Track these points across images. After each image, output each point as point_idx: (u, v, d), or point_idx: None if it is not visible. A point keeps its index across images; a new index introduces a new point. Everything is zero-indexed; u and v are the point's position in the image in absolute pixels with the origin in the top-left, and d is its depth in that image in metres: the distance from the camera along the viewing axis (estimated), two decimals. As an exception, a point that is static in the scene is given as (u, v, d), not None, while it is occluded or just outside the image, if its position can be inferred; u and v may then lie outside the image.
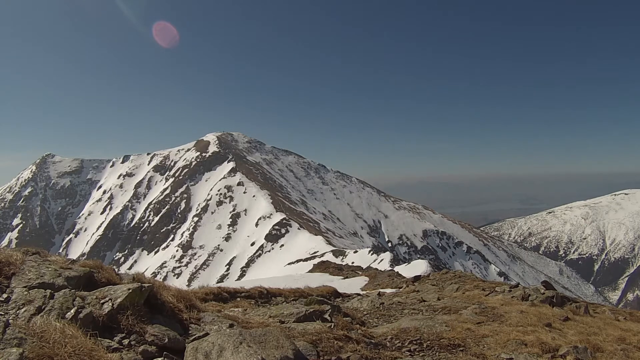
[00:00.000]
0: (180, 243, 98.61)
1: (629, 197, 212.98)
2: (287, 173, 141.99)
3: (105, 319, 2.22)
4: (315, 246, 65.75)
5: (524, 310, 4.51)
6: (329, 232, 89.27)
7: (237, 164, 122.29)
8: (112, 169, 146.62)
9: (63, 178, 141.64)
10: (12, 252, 2.73)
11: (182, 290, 3.30)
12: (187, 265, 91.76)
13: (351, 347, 2.46)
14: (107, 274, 2.80)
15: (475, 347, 2.84)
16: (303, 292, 6.51)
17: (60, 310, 2.16)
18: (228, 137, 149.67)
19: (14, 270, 2.49)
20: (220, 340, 2.07)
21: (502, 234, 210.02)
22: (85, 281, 2.65)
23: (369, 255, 43.70)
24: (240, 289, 5.81)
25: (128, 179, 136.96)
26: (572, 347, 2.93)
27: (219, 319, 2.84)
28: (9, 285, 2.36)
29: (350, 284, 16.37)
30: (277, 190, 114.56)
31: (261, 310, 3.79)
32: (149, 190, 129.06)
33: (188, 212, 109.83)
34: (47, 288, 2.36)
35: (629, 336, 3.87)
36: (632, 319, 6.58)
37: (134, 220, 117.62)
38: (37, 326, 1.90)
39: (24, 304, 2.19)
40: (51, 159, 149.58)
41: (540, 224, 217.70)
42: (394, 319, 4.36)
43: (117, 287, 2.49)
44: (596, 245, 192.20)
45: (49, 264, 2.70)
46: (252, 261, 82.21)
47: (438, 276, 12.45)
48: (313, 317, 3.09)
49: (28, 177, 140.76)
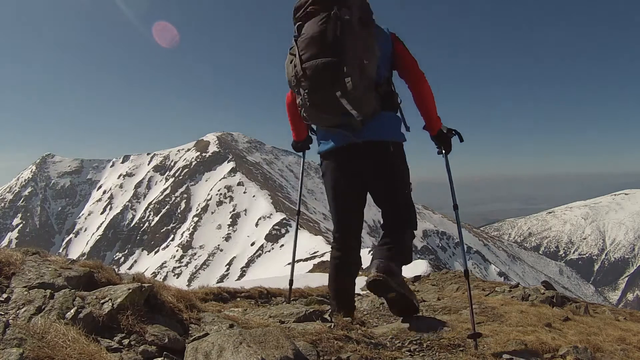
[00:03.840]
0: (180, 243, 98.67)
1: (629, 197, 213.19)
2: (287, 173, 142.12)
3: (105, 319, 2.21)
4: (315, 246, 65.81)
5: (524, 310, 4.51)
6: (329, 232, 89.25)
7: (237, 164, 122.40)
8: (112, 169, 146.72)
9: (63, 178, 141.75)
10: (12, 252, 2.73)
11: (182, 290, 3.30)
12: (187, 265, 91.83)
13: (351, 347, 2.45)
14: (107, 274, 2.80)
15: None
16: (303, 292, 6.51)
17: (60, 310, 2.16)
18: (228, 137, 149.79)
19: (14, 270, 2.49)
20: (220, 341, 2.07)
21: (502, 234, 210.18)
22: (85, 281, 2.65)
23: (368, 255, 43.58)
24: (240, 289, 5.81)
25: (128, 179, 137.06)
26: (572, 347, 2.93)
27: (219, 319, 2.84)
28: (9, 285, 2.36)
29: (350, 284, 16.38)
30: (277, 190, 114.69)
31: (261, 311, 3.79)
32: (149, 190, 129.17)
33: (188, 212, 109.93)
34: (47, 288, 2.36)
35: (629, 336, 3.88)
36: (632, 319, 6.58)
37: (134, 220, 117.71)
38: (37, 326, 1.90)
39: (24, 304, 2.18)
40: (51, 159, 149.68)
41: (540, 224, 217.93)
42: (394, 319, 4.36)
43: (117, 287, 2.49)
44: (596, 245, 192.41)
45: (49, 264, 2.70)
46: (252, 261, 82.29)
47: (438, 276, 12.46)
48: (313, 317, 3.09)
49: (28, 177, 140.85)
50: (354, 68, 2.28)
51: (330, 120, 2.50)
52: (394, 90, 2.72)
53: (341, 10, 2.35)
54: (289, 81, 2.53)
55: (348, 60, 2.27)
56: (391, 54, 2.67)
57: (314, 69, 2.30)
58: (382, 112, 2.58)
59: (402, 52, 2.70)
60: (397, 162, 2.67)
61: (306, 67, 2.32)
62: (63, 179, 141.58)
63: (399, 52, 2.70)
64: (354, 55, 2.29)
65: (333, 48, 2.28)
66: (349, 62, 2.27)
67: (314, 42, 2.33)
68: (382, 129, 2.60)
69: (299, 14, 2.52)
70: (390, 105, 2.66)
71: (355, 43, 2.32)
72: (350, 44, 2.29)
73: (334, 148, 2.68)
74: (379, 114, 2.57)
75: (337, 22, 2.31)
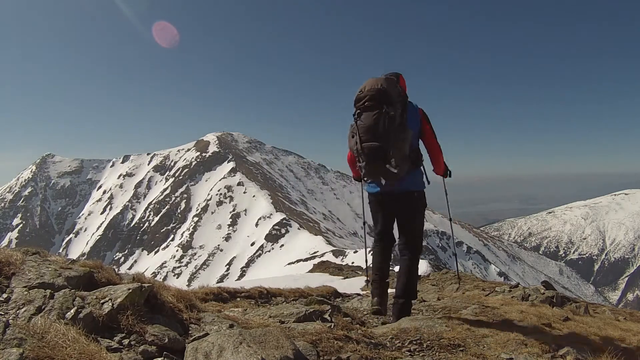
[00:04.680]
0: (180, 243, 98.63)
1: (629, 197, 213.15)
2: (287, 173, 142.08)
3: (105, 319, 2.21)
4: (315, 246, 65.79)
5: (523, 310, 4.51)
6: (329, 232, 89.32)
7: (237, 164, 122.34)
8: (112, 169, 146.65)
9: (63, 178, 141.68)
10: (12, 252, 2.73)
11: (182, 290, 3.30)
12: (187, 265, 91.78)
13: (351, 347, 2.45)
14: (107, 274, 2.80)
15: (475, 347, 2.84)
16: (303, 292, 6.51)
17: (60, 310, 2.16)
18: (228, 137, 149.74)
19: (14, 270, 2.49)
20: (220, 341, 2.07)
21: (502, 234, 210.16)
22: (85, 281, 2.65)
23: (369, 255, 43.57)
24: (240, 289, 5.80)
25: (128, 179, 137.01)
26: (572, 347, 2.93)
27: (219, 319, 2.84)
28: (9, 285, 2.36)
29: (350, 284, 16.38)
30: (277, 190, 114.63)
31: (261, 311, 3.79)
32: (149, 190, 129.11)
33: (188, 212, 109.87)
34: (47, 288, 2.36)
35: (629, 336, 3.88)
36: (632, 319, 6.58)
37: (134, 220, 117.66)
38: (37, 326, 1.90)
39: (24, 304, 2.18)
40: (51, 159, 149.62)
41: (540, 224, 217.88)
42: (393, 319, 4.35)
43: (117, 287, 2.49)
44: (596, 245, 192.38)
45: (49, 264, 2.70)
46: (252, 261, 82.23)
47: (438, 276, 12.47)
48: (313, 317, 3.10)
49: (28, 177, 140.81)
50: (395, 150, 3.52)
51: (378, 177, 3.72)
52: (420, 153, 3.96)
53: (388, 108, 3.52)
54: (350, 148, 3.77)
55: (391, 146, 3.51)
56: (419, 131, 3.92)
57: (369, 149, 3.54)
58: (411, 170, 3.80)
59: (426, 132, 3.96)
60: (418, 205, 3.97)
61: (364, 147, 3.55)
62: (63, 179, 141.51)
63: (424, 132, 3.96)
64: (395, 142, 3.52)
65: (382, 137, 3.50)
66: (392, 147, 3.51)
67: (369, 130, 3.53)
68: (411, 183, 3.86)
69: (358, 105, 3.66)
70: (417, 164, 3.90)
71: (397, 135, 3.53)
72: (393, 135, 3.51)
73: (379, 192, 3.93)
74: (409, 172, 3.78)
75: (385, 118, 3.49)
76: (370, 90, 3.60)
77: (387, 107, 3.51)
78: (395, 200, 3.91)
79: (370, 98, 3.57)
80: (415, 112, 3.87)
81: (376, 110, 3.52)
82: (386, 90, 3.58)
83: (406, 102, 3.79)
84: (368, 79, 3.80)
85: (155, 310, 2.54)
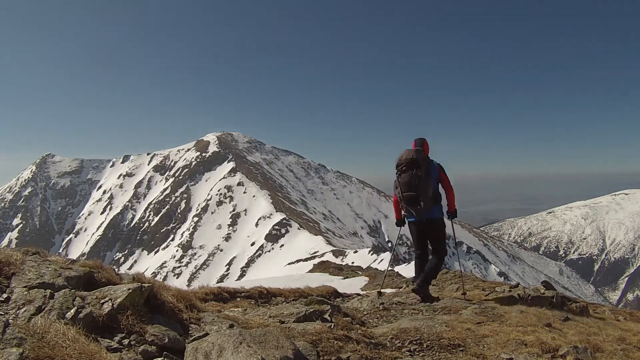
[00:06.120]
0: (180, 243, 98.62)
1: (629, 197, 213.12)
2: (287, 173, 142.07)
3: (105, 319, 2.22)
4: (315, 246, 65.78)
5: (523, 311, 4.50)
6: (329, 232, 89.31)
7: (237, 164, 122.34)
8: (112, 169, 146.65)
9: (63, 178, 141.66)
10: (12, 252, 2.73)
11: (182, 290, 3.30)
12: (187, 265, 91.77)
13: (351, 347, 2.45)
14: (107, 274, 2.80)
15: (475, 347, 2.84)
16: (303, 292, 6.51)
17: (60, 310, 2.16)
18: (228, 137, 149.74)
19: (14, 270, 2.49)
20: (220, 341, 2.07)
21: (502, 234, 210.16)
22: (85, 281, 2.65)
23: (369, 255, 43.73)
24: (240, 289, 5.81)
25: (128, 179, 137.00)
26: (572, 347, 2.93)
27: (219, 319, 2.84)
28: (9, 285, 2.36)
29: (350, 284, 16.37)
30: (277, 190, 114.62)
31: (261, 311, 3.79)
32: (149, 190, 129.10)
33: (188, 212, 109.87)
34: (47, 288, 2.36)
35: (629, 336, 3.87)
36: (632, 319, 6.58)
37: (134, 220, 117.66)
38: (37, 326, 1.90)
39: (24, 304, 2.19)
40: (51, 159, 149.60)
41: (540, 224, 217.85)
42: (394, 319, 4.36)
43: (117, 287, 2.49)
44: (596, 245, 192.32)
45: (49, 264, 2.70)
46: (252, 261, 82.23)
47: (438, 276, 12.42)
48: (313, 317, 3.10)
49: (28, 177, 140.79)
50: (424, 196, 5.50)
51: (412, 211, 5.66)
52: (439, 195, 5.72)
53: (417, 170, 5.54)
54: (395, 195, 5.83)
55: (421, 194, 5.50)
56: (438, 178, 5.74)
57: (407, 197, 5.58)
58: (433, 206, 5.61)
59: (443, 179, 5.79)
60: (440, 227, 5.85)
61: (404, 195, 5.61)
62: (63, 179, 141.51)
63: (442, 179, 5.80)
64: (424, 191, 5.50)
65: (415, 189, 5.51)
66: (421, 194, 5.50)
67: (407, 185, 5.57)
68: (434, 214, 5.67)
69: (398, 168, 5.72)
70: (437, 201, 5.68)
71: (425, 185, 5.51)
72: (422, 187, 5.50)
73: (414, 220, 5.82)
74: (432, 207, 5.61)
75: (416, 177, 5.52)
76: (406, 159, 5.64)
77: (417, 169, 5.52)
78: (425, 225, 5.77)
79: (405, 165, 5.62)
80: (435, 168, 5.73)
81: (409, 172, 5.56)
82: (416, 159, 5.57)
83: (429, 162, 5.69)
84: (404, 150, 5.79)
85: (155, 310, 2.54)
